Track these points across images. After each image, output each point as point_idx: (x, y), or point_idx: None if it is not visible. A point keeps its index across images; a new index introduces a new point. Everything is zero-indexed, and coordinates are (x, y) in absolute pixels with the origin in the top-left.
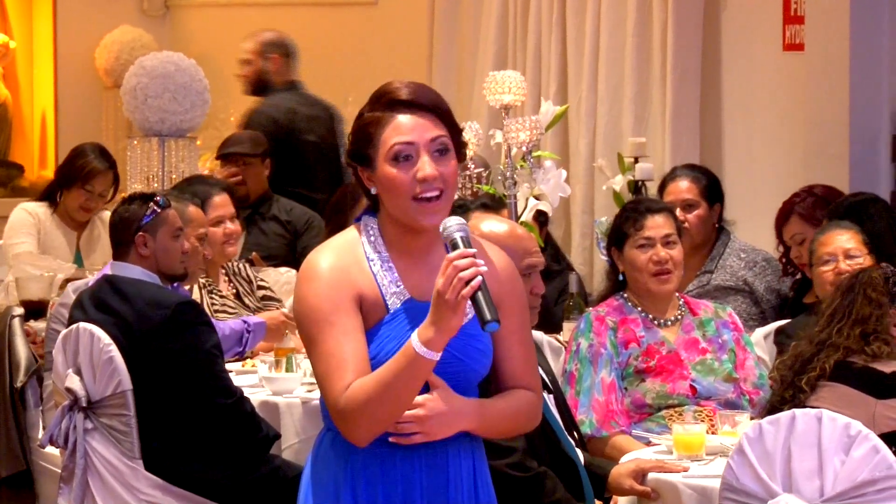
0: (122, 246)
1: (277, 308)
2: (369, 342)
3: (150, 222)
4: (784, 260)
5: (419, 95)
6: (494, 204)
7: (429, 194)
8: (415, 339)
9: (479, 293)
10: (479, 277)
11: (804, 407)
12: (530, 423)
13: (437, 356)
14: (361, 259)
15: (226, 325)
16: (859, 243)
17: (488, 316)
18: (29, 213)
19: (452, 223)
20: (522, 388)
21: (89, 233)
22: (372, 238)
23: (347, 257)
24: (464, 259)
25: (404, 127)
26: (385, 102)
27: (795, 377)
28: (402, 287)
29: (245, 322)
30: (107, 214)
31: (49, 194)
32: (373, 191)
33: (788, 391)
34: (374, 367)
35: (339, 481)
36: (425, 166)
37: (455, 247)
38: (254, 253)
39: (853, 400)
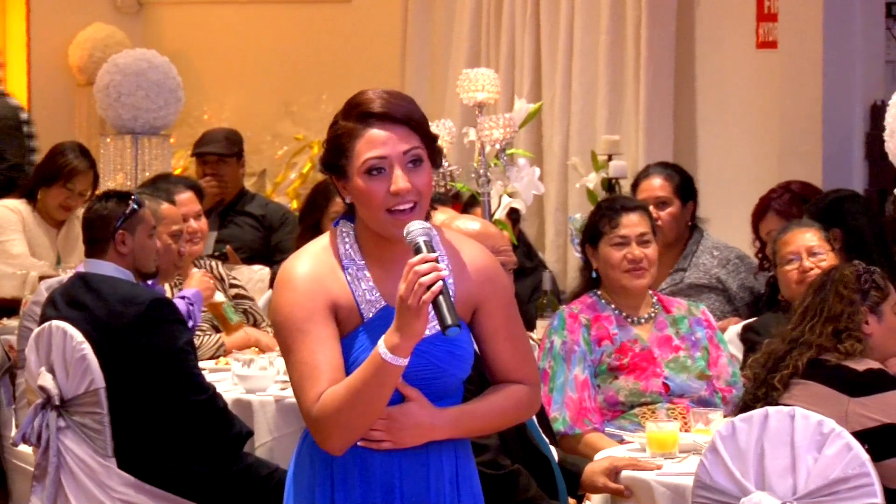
0: (98, 243)
1: (251, 306)
2: (345, 350)
3: (128, 221)
4: (760, 255)
5: (392, 107)
6: (441, 198)
7: (402, 207)
8: (381, 346)
9: (441, 297)
10: (441, 282)
11: (777, 405)
12: (523, 415)
13: (404, 362)
14: (336, 267)
15: None
16: (822, 240)
17: (448, 321)
18: (11, 210)
19: (416, 227)
20: (515, 381)
21: (67, 231)
22: (347, 245)
23: (323, 265)
24: (425, 264)
25: (377, 140)
26: (357, 114)
27: (768, 375)
28: (377, 295)
29: (183, 297)
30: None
31: (29, 192)
32: (347, 199)
33: (761, 389)
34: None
35: (315, 483)
36: (398, 180)
37: (418, 251)
38: (228, 246)
39: (826, 398)
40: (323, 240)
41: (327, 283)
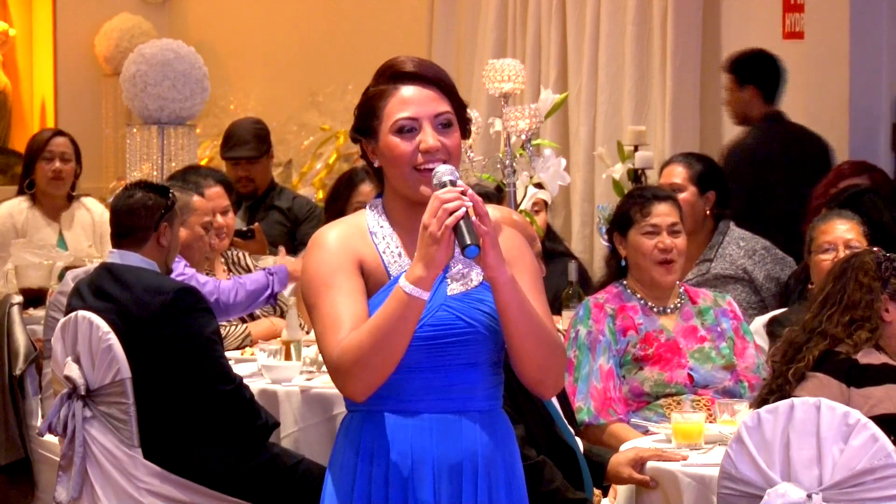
0: (139, 232)
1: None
2: (371, 308)
3: (171, 213)
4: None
5: (423, 69)
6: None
7: (431, 165)
8: (402, 280)
9: (462, 222)
10: (463, 208)
11: (790, 398)
12: (555, 352)
13: (425, 295)
14: (364, 231)
15: (245, 279)
16: (859, 234)
17: (468, 240)
18: (4, 221)
19: (443, 168)
20: None
21: (70, 218)
22: (376, 214)
23: (351, 229)
24: (450, 193)
25: (408, 99)
26: (389, 76)
27: (785, 367)
28: (404, 257)
29: (266, 269)
30: (90, 201)
31: (27, 185)
32: (375, 163)
33: (777, 381)
34: None
35: (352, 462)
36: (428, 138)
37: (443, 187)
38: (256, 224)
39: (833, 393)
40: (354, 214)
41: (355, 243)
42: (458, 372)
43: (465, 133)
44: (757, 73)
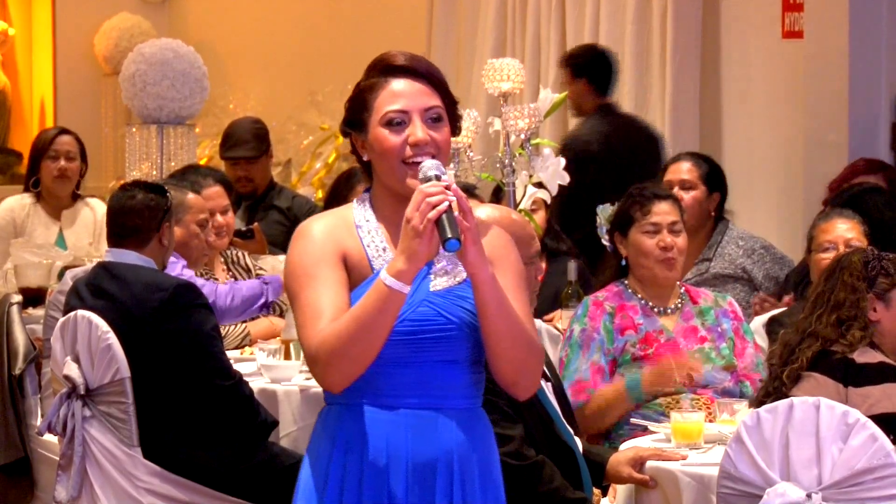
0: (143, 233)
1: None
2: (353, 301)
3: (171, 213)
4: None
5: (415, 63)
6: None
7: (419, 158)
8: (384, 273)
9: (444, 216)
10: (446, 203)
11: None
12: (531, 356)
13: (405, 288)
14: (351, 224)
15: (241, 284)
16: (860, 234)
17: (448, 234)
18: (4, 216)
19: (429, 164)
20: None
21: (72, 217)
22: (363, 207)
23: (337, 221)
24: (434, 188)
25: (398, 92)
26: (380, 69)
27: (781, 369)
28: (388, 251)
29: (261, 279)
30: (95, 202)
31: (32, 183)
32: (364, 157)
33: (774, 383)
34: None
35: (327, 452)
36: (417, 131)
37: (428, 181)
38: (255, 223)
39: (829, 392)
40: (342, 207)
41: (339, 235)
42: (436, 368)
43: (456, 130)
44: (587, 67)
